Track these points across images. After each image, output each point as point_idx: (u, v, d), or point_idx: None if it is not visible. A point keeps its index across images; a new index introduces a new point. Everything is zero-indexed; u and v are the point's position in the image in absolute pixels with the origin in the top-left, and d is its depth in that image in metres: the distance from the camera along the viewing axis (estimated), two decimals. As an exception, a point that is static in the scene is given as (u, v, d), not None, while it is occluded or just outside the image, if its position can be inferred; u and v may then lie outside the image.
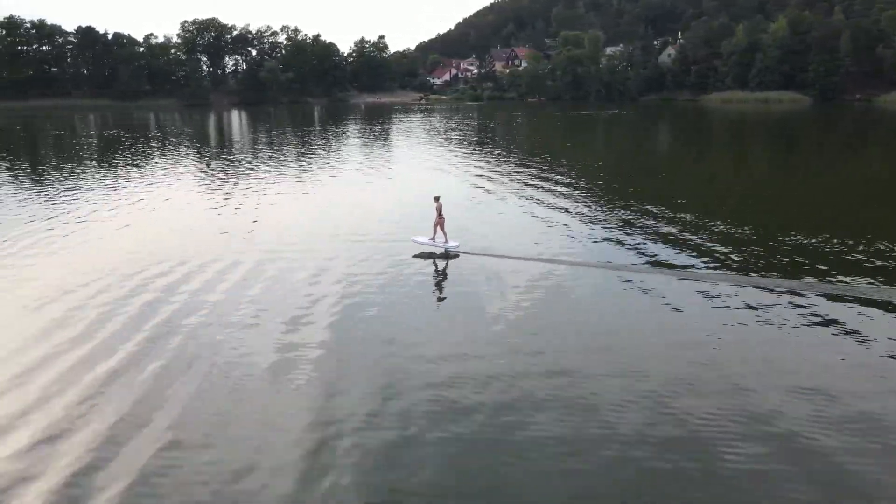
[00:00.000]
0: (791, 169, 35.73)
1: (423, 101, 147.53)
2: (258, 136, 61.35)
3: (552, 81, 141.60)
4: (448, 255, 16.89)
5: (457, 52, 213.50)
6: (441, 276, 15.97)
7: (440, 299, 14.40)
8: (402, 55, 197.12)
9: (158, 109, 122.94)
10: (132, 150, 45.26)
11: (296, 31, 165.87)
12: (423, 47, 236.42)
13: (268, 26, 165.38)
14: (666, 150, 48.52)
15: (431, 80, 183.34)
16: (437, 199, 17.37)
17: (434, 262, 16.77)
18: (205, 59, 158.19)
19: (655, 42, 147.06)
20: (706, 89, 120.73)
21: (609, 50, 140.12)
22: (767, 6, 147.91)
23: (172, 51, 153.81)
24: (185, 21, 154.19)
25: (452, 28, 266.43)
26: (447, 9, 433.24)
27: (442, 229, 17.23)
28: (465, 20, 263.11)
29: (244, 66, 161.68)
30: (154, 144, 50.56)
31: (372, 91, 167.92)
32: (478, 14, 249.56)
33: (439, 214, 17.11)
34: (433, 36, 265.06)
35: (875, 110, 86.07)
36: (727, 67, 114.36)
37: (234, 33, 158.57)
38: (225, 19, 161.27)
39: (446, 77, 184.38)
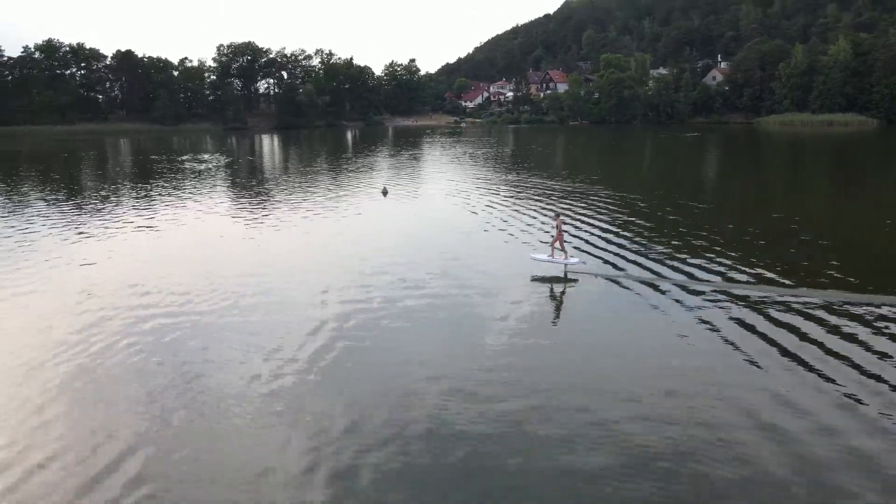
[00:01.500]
0: None
1: (462, 125, 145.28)
2: (310, 162, 58.40)
3: (595, 104, 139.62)
4: (567, 278, 16.56)
5: (484, 75, 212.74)
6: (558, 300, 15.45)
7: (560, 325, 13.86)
8: (430, 77, 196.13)
9: (197, 133, 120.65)
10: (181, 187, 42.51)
11: (330, 54, 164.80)
12: (449, 70, 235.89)
13: (302, 50, 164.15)
14: (781, 174, 45.25)
15: (464, 104, 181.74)
16: (557, 216, 17.97)
17: (551, 287, 16.33)
18: (240, 82, 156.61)
19: (698, 64, 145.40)
20: (759, 112, 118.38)
21: (653, 72, 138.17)
22: (810, 30, 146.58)
23: (206, 74, 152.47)
24: (221, 45, 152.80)
25: (471, 51, 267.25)
26: (466, 32, 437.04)
27: (561, 246, 17.11)
28: (484, 43, 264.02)
29: (278, 90, 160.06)
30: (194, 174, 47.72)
31: (404, 114, 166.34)
32: (502, 37, 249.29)
33: (559, 231, 17.09)
34: (453, 60, 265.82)
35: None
36: (786, 90, 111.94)
37: (270, 56, 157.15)
38: (257, 43, 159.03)
39: (478, 100, 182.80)
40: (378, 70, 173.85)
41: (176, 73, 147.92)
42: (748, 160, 55.59)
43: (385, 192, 32.28)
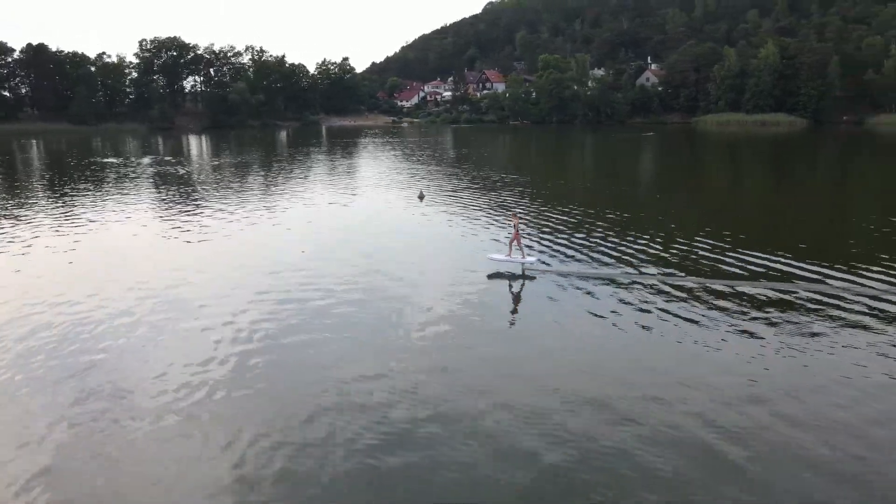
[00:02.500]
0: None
1: (404, 125, 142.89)
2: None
3: (534, 105, 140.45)
4: (525, 276, 16.47)
5: (417, 75, 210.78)
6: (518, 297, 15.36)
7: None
8: (362, 77, 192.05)
9: (121, 134, 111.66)
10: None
11: (261, 51, 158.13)
12: (380, 69, 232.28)
13: (231, 46, 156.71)
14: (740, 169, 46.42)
15: (400, 103, 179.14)
16: (514, 215, 18.00)
17: (509, 283, 16.23)
18: (164, 80, 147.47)
19: (631, 66, 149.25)
20: (695, 112, 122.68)
21: (592, 72, 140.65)
22: (733, 34, 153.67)
23: (127, 70, 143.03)
24: (144, 39, 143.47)
25: (398, 51, 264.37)
26: (392, 32, 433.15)
27: (518, 245, 17.08)
28: (412, 42, 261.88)
29: (207, 88, 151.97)
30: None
31: (339, 114, 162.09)
32: (431, 37, 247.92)
33: (516, 230, 17.04)
34: (381, 59, 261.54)
35: (880, 132, 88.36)
36: (720, 91, 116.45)
37: (198, 52, 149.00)
38: (184, 39, 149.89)
39: (414, 100, 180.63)
40: (311, 68, 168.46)
41: (93, 69, 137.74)
42: (701, 158, 56.81)
43: (422, 197, 29.81)
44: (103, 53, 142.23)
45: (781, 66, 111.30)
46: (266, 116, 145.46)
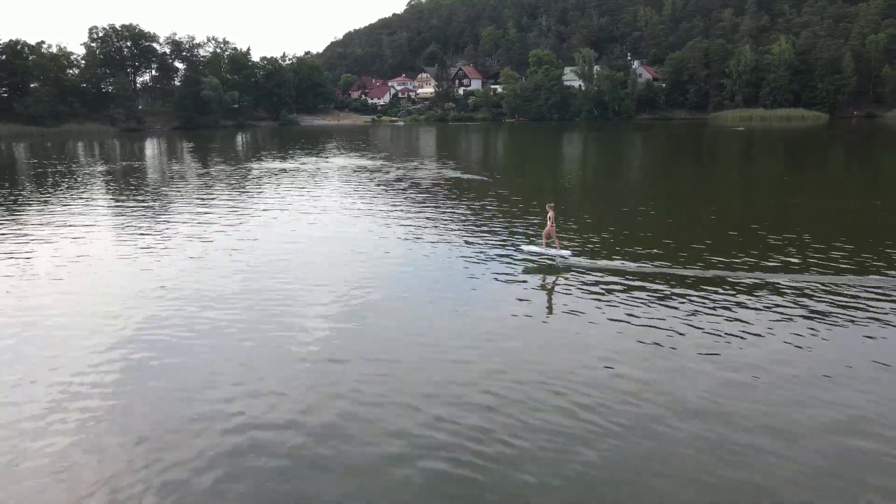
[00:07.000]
0: None
1: (399, 124, 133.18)
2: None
3: (527, 102, 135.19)
4: (559, 268, 15.67)
5: (372, 72, 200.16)
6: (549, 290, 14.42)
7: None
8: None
9: (84, 137, 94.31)
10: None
11: (225, 42, 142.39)
12: (328, 65, 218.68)
13: (190, 37, 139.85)
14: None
15: (372, 101, 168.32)
16: (549, 206, 16.55)
17: (543, 277, 15.32)
18: (121, 73, 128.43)
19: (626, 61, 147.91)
20: (704, 108, 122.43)
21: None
22: (711, 31, 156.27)
23: (74, 62, 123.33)
24: (95, 27, 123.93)
25: (328, 46, 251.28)
26: (307, 28, 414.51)
27: (553, 238, 16.19)
28: (340, 39, 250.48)
29: (166, 83, 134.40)
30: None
31: (310, 112, 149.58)
32: (363, 32, 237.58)
33: (551, 223, 16.00)
34: (301, 53, 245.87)
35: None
36: (736, 86, 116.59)
37: (158, 41, 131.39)
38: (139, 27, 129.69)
39: (386, 97, 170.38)
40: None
41: (30, 59, 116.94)
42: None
43: None
44: (42, 42, 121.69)
45: (797, 62, 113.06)
46: (241, 116, 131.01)
